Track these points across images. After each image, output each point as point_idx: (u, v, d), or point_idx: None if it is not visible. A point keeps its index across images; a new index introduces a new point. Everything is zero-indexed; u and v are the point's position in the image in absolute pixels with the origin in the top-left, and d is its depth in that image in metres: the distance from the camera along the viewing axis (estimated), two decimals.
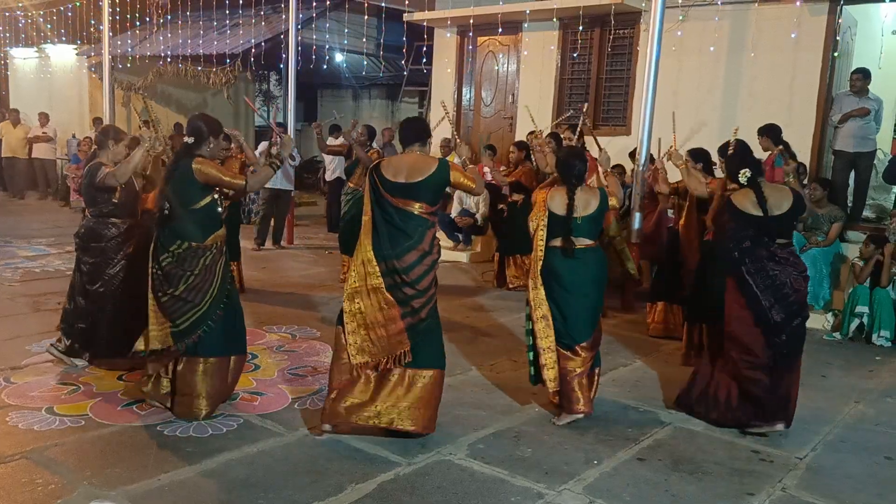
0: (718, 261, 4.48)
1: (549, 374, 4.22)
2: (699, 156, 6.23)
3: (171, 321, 3.99)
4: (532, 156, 7.54)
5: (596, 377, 4.40)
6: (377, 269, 3.79)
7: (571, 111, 6.77)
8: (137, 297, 4.23)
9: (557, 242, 4.23)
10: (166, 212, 4.00)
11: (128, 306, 4.51)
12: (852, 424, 4.50)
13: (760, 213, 4.15)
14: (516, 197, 7.75)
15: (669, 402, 4.64)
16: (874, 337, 6.21)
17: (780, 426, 4.19)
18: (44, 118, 13.99)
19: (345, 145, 8.13)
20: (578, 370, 4.21)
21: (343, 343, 3.87)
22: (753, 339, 4.16)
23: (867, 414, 4.70)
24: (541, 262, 4.25)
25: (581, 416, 4.23)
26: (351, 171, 7.60)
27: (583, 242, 4.23)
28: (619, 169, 8.02)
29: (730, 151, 4.98)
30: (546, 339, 4.22)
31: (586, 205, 4.24)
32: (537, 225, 4.30)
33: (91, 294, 4.71)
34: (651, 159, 6.71)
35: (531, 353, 4.32)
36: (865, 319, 6.27)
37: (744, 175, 4.21)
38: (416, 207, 3.83)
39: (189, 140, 4.09)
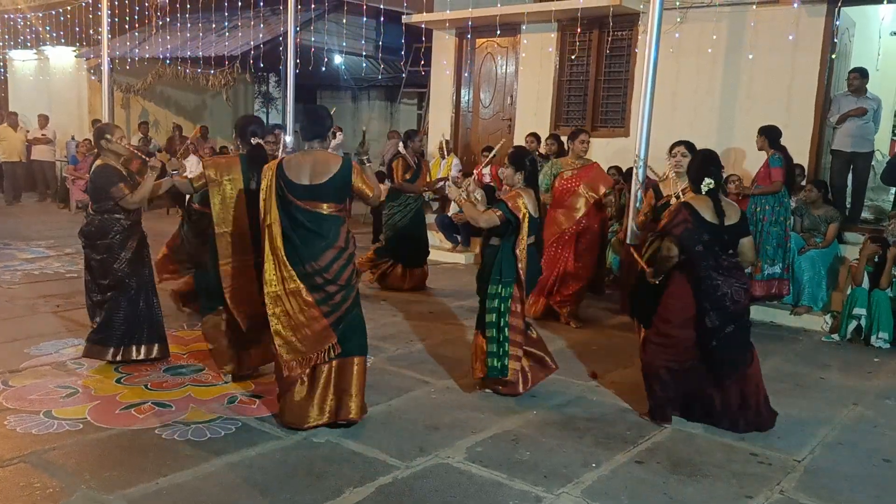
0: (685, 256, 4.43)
1: (515, 364, 4.54)
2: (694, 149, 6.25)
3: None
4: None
5: None
6: (293, 272, 3.87)
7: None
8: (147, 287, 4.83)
9: (532, 240, 4.52)
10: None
11: (143, 297, 4.89)
12: (851, 426, 4.51)
13: (716, 222, 4.18)
14: None
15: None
16: (872, 339, 6.20)
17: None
18: (43, 120, 13.99)
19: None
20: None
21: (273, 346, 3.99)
22: (684, 339, 4.23)
23: (866, 416, 4.70)
24: (523, 262, 4.46)
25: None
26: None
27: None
28: (615, 169, 8.03)
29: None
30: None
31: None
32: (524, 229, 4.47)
33: (103, 287, 4.87)
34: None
35: (507, 346, 4.49)
36: (863, 321, 6.27)
37: (707, 185, 4.25)
38: (325, 208, 3.93)
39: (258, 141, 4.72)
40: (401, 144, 7.91)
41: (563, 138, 7.20)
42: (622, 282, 7.14)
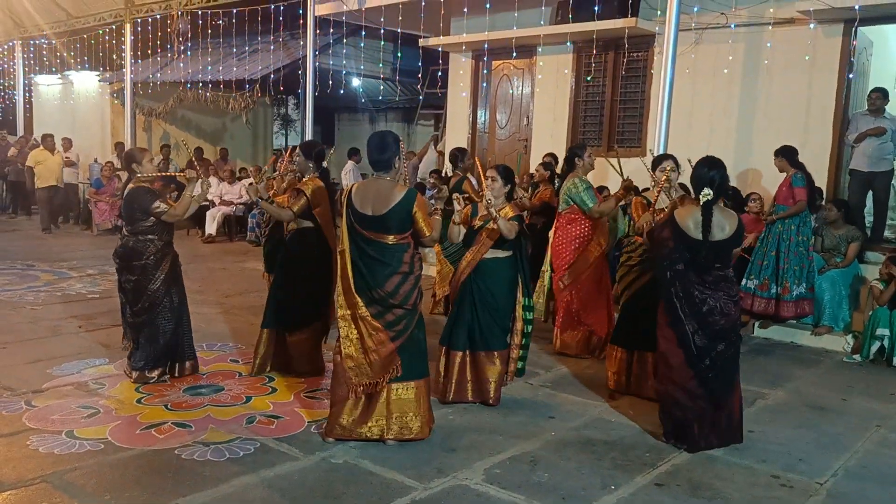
0: (654, 276, 4.46)
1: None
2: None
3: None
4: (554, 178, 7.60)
5: None
6: (360, 300, 3.96)
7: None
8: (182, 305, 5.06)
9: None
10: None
11: (178, 316, 5.07)
12: (874, 450, 4.44)
13: (699, 237, 4.09)
14: (536, 220, 7.68)
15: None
16: (895, 360, 6.12)
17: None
18: (67, 143, 14.23)
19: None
20: None
21: (340, 363, 4.06)
22: (678, 360, 4.20)
23: (889, 439, 4.63)
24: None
25: None
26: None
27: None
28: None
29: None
30: None
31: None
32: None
33: (138, 310, 4.98)
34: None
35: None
36: (886, 342, 6.18)
37: (705, 195, 4.12)
38: (390, 239, 3.97)
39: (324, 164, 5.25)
40: (448, 166, 7.49)
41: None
42: None
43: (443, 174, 11.77)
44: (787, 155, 6.82)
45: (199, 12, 12.76)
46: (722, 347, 4.16)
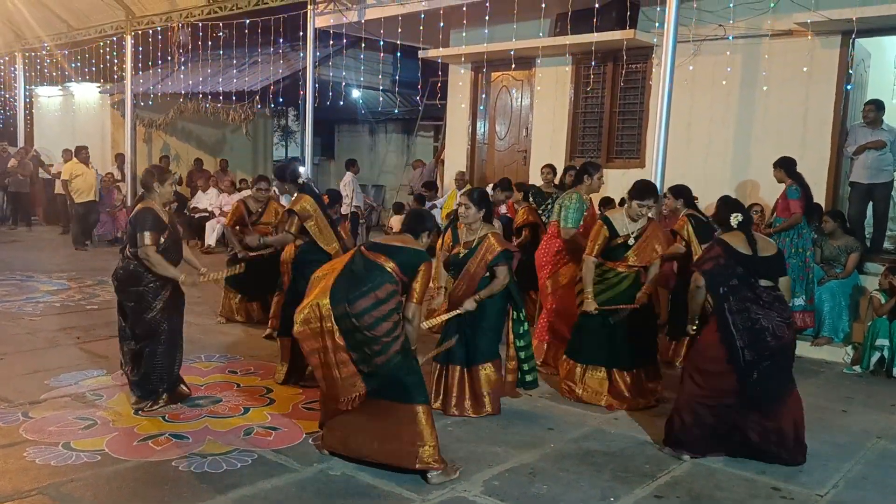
0: (709, 294, 4.36)
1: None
2: (680, 192, 6.24)
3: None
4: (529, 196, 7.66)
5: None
6: (331, 312, 3.81)
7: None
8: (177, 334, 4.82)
9: None
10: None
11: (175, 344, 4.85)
12: (874, 461, 4.42)
13: (749, 252, 4.21)
14: (522, 237, 7.63)
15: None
16: (894, 371, 6.10)
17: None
18: (69, 155, 14.20)
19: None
20: None
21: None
22: (726, 378, 4.17)
23: (890, 450, 4.61)
24: None
25: None
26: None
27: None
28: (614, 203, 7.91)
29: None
30: None
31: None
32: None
33: (136, 336, 4.74)
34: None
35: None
36: (886, 352, 6.17)
37: (735, 218, 4.30)
38: (389, 265, 3.93)
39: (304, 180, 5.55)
40: (492, 193, 7.34)
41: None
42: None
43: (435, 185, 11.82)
44: (784, 166, 6.84)
45: (200, 24, 12.82)
46: (768, 364, 4.16)
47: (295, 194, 5.56)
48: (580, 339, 5.26)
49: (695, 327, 4.45)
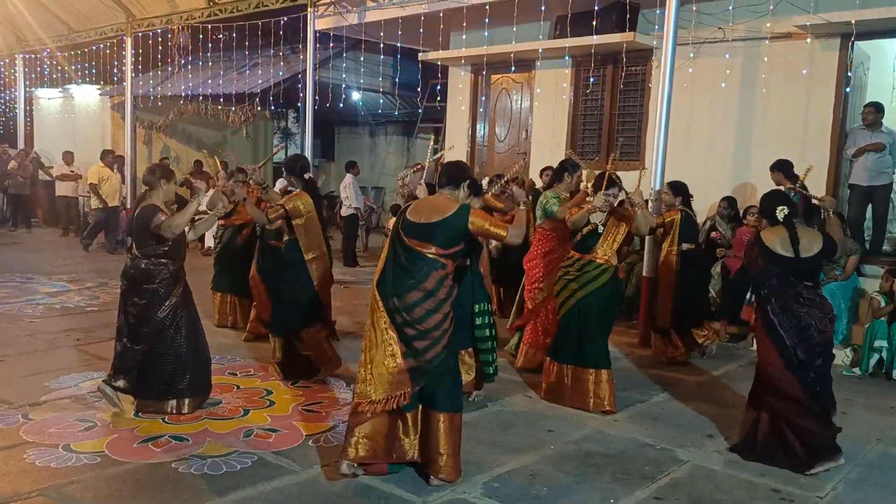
0: (756, 294, 4.41)
1: None
2: (679, 190, 6.24)
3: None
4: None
5: None
6: (380, 304, 3.78)
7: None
8: (193, 335, 4.75)
9: None
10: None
11: (191, 349, 4.76)
12: (875, 462, 4.42)
13: (790, 254, 4.17)
14: None
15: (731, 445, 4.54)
16: (894, 373, 6.11)
17: (841, 459, 4.23)
18: (69, 157, 14.23)
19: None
20: None
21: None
22: (789, 383, 4.18)
23: (890, 452, 4.61)
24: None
25: None
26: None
27: None
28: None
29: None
30: None
31: None
32: None
33: (140, 336, 4.64)
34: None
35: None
36: (885, 354, 6.17)
37: (781, 212, 4.26)
38: (430, 251, 3.79)
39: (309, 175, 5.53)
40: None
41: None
42: (643, 316, 7.11)
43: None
44: (782, 169, 6.85)
45: (200, 26, 12.82)
46: (820, 362, 4.19)
47: (298, 189, 5.62)
48: (565, 340, 5.22)
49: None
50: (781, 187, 6.84)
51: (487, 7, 8.98)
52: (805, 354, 4.13)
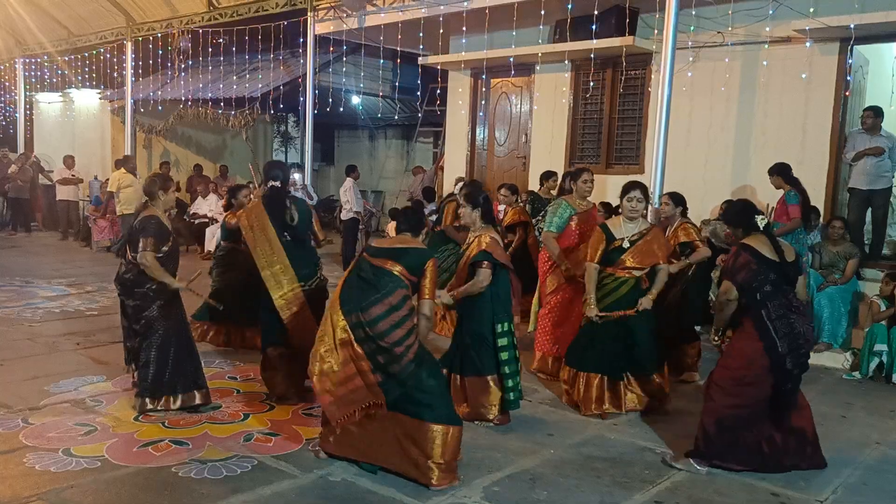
0: (743, 304, 4.22)
1: None
2: (680, 201, 6.25)
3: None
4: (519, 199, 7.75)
5: None
6: (344, 321, 3.85)
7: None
8: (179, 334, 4.81)
9: None
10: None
11: (175, 345, 4.83)
12: (874, 466, 4.42)
13: (777, 259, 4.11)
14: (510, 238, 7.66)
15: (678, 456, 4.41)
16: (894, 377, 6.11)
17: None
18: (70, 161, 14.23)
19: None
20: None
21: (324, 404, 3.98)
22: (761, 386, 4.10)
23: (889, 455, 4.61)
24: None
25: None
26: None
27: None
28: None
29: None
30: None
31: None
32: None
33: (136, 332, 4.86)
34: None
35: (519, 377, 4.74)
36: (885, 357, 6.17)
37: (762, 220, 4.19)
38: (396, 269, 3.94)
39: (277, 184, 4.96)
40: (457, 188, 7.65)
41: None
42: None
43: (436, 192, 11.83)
44: (781, 172, 6.85)
45: (200, 31, 12.85)
46: (798, 371, 4.16)
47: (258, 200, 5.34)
48: (580, 346, 5.20)
49: (717, 339, 4.36)
50: (781, 189, 6.88)
51: (487, 11, 9.00)
52: (793, 364, 4.08)
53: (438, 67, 11.13)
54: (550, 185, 8.12)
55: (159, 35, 13.83)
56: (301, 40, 11.81)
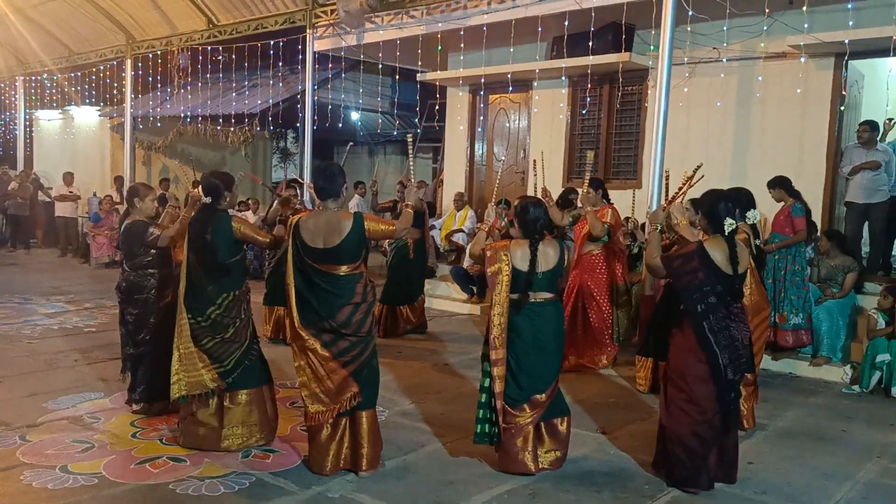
0: (682, 309, 4.16)
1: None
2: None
3: (220, 362, 4.37)
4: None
5: (561, 427, 4.35)
6: (306, 334, 3.98)
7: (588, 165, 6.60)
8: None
9: (514, 297, 4.13)
10: (209, 267, 4.35)
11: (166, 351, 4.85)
12: (874, 481, 4.40)
13: (729, 272, 4.00)
14: None
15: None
16: (893, 390, 6.10)
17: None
18: (69, 178, 14.26)
19: (390, 202, 8.18)
20: (527, 422, 4.15)
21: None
22: (705, 396, 4.02)
23: (890, 469, 4.59)
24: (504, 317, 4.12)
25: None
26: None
27: (542, 296, 4.19)
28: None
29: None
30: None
31: (547, 259, 4.18)
32: (501, 281, 4.11)
33: (139, 342, 5.02)
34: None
35: (484, 411, 4.25)
36: (885, 370, 6.16)
37: (729, 226, 4.02)
38: (342, 270, 4.00)
39: (207, 199, 4.38)
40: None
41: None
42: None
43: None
44: (782, 185, 6.86)
45: (200, 48, 12.92)
46: (739, 377, 4.11)
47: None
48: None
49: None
50: (782, 203, 6.88)
51: (485, 28, 9.07)
52: (734, 373, 4.02)
53: (437, 84, 11.20)
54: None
55: (159, 52, 13.91)
56: (300, 57, 11.88)
